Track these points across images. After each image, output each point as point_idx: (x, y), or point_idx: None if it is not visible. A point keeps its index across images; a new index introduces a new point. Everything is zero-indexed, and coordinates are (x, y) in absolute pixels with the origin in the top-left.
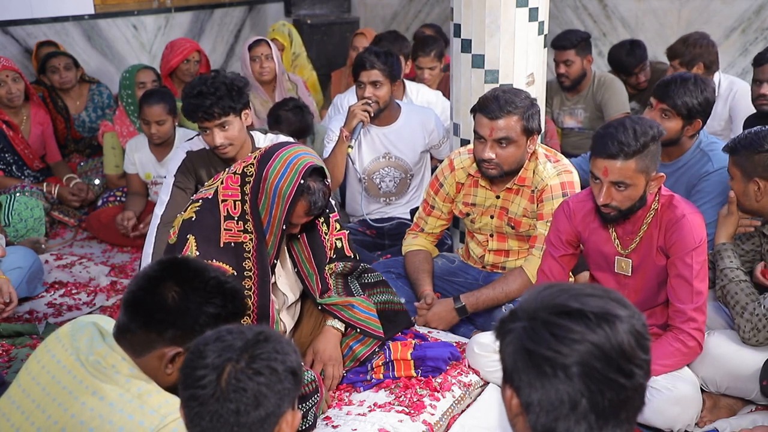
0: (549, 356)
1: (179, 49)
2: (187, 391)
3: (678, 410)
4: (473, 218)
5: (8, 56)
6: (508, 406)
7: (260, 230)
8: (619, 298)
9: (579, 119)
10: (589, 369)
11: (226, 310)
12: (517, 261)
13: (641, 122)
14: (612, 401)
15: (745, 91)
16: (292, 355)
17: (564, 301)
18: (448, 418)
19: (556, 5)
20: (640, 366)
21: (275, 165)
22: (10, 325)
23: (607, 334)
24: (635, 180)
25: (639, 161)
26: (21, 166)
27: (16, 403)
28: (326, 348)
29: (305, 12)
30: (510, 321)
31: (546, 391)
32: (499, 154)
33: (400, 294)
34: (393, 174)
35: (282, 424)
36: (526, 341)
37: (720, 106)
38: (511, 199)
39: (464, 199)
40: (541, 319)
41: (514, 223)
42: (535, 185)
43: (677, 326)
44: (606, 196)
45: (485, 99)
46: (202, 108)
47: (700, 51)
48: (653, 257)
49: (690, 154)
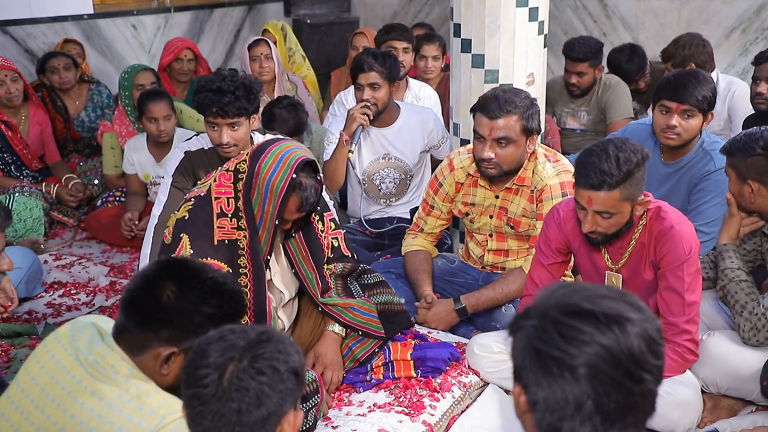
0: (556, 356)
1: (171, 48)
2: (190, 390)
3: (679, 414)
4: (472, 218)
5: (7, 56)
6: (517, 402)
7: (253, 226)
8: (633, 301)
9: (582, 121)
10: (597, 371)
11: (222, 311)
12: (516, 261)
13: (625, 148)
14: (618, 404)
15: (743, 90)
16: (295, 355)
17: (576, 301)
18: (447, 418)
19: (556, 5)
20: (650, 371)
21: (267, 160)
22: (9, 325)
23: (617, 337)
24: (620, 209)
25: (623, 190)
26: (20, 166)
27: (15, 404)
28: (327, 352)
29: (305, 12)
30: (522, 318)
31: (552, 390)
32: (499, 154)
33: (400, 294)
34: (393, 175)
35: (284, 424)
36: (534, 340)
37: (719, 106)
38: (510, 198)
39: (463, 199)
40: (551, 318)
41: (513, 223)
42: (535, 185)
43: (671, 339)
44: (591, 224)
45: (485, 98)
46: (219, 104)
47: (691, 52)
48: (642, 272)
49: (693, 153)
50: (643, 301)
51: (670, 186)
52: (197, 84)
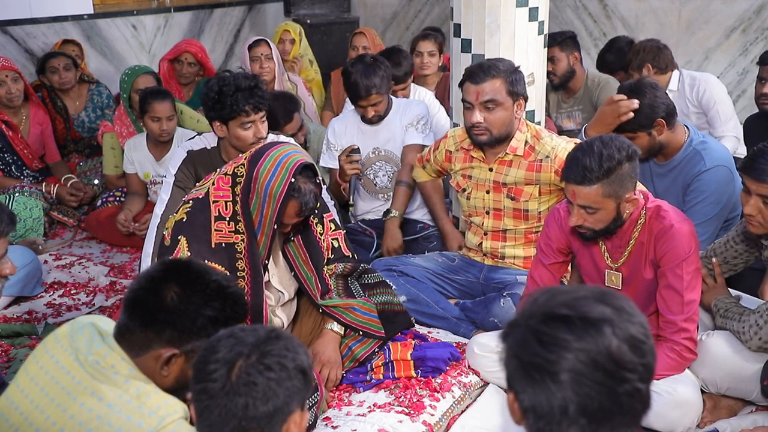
0: (537, 363)
1: (174, 48)
2: (198, 385)
3: (679, 413)
4: (469, 193)
5: (7, 56)
6: (512, 410)
7: (251, 230)
8: (614, 302)
9: (578, 121)
10: (577, 375)
11: (224, 314)
12: (515, 248)
13: (610, 145)
14: (603, 406)
15: (709, 82)
16: (303, 355)
17: (554, 307)
18: (448, 418)
19: (556, 5)
20: (633, 370)
21: (265, 164)
22: (9, 325)
23: (594, 340)
24: (603, 204)
25: (604, 186)
26: (20, 166)
27: (14, 404)
28: (325, 350)
29: (305, 12)
30: (509, 327)
31: (537, 397)
32: (487, 118)
33: (400, 292)
34: (386, 168)
35: (290, 423)
36: (517, 349)
37: (684, 103)
38: (504, 171)
39: (462, 171)
40: (530, 327)
41: (514, 193)
42: (546, 154)
43: (669, 338)
44: (577, 218)
45: (470, 67)
46: (254, 99)
47: (644, 55)
48: (642, 271)
49: (682, 153)
50: (644, 301)
51: (665, 186)
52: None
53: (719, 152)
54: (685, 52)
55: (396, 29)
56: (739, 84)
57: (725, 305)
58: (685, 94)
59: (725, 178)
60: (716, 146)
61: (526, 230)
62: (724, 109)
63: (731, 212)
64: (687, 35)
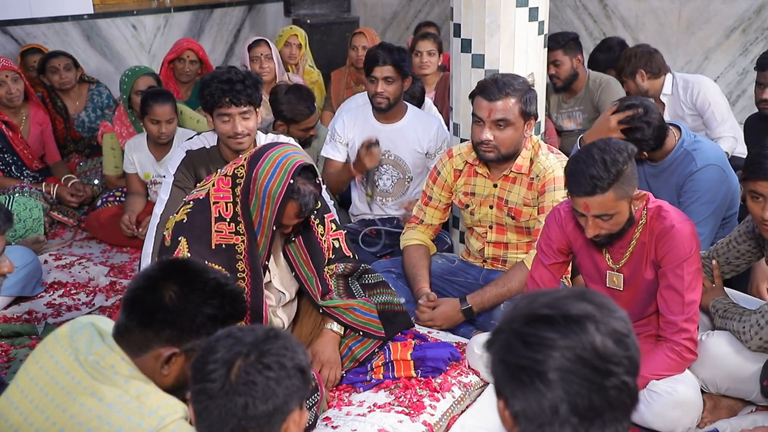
0: (525, 365)
1: (175, 47)
2: (197, 386)
3: (679, 413)
4: (472, 209)
5: (7, 56)
6: (503, 418)
7: (251, 232)
8: (595, 299)
9: (578, 121)
10: (565, 373)
11: (223, 312)
12: (517, 253)
13: (609, 149)
14: (593, 402)
15: (703, 84)
16: (301, 354)
17: (535, 309)
18: (448, 418)
19: (556, 5)
20: (619, 363)
21: (264, 165)
22: (9, 325)
23: (578, 337)
24: (618, 208)
25: (617, 190)
26: (20, 167)
27: (14, 404)
28: (324, 350)
29: (305, 12)
30: (494, 334)
31: (527, 399)
32: (497, 137)
33: (400, 294)
34: (391, 172)
35: (290, 422)
36: (503, 354)
37: (679, 106)
38: (507, 188)
39: (464, 189)
40: (513, 330)
41: (514, 213)
42: (537, 173)
43: (670, 338)
44: (593, 229)
45: (484, 82)
46: (231, 92)
47: (636, 61)
48: (643, 271)
49: (674, 154)
50: (645, 301)
51: (657, 186)
52: (202, 80)
53: (711, 152)
54: (685, 52)
55: (396, 29)
56: (739, 84)
57: (724, 306)
58: (679, 97)
59: (718, 177)
60: (708, 146)
61: (528, 243)
62: (720, 110)
63: (728, 210)
64: (687, 35)
